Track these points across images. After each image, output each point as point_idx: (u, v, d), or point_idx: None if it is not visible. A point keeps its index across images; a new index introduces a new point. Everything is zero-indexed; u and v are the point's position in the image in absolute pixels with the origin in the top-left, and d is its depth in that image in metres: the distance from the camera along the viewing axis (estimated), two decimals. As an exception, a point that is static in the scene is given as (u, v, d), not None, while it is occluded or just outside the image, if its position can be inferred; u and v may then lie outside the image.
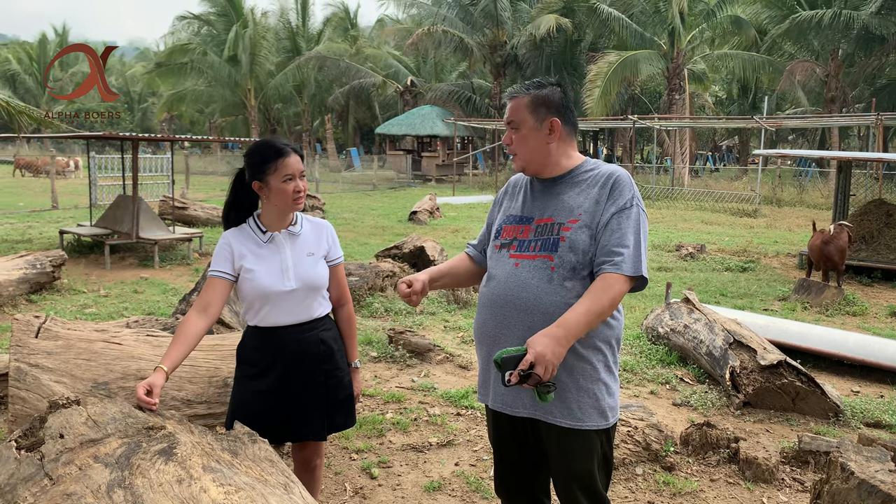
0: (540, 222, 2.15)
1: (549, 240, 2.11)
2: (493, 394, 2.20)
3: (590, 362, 2.09)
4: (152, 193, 16.23)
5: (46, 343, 3.18)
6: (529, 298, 2.08)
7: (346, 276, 2.68)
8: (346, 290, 2.67)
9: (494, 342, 2.14)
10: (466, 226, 14.37)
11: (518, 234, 2.19)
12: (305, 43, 37.87)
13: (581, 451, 2.12)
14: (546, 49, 29.64)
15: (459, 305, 7.05)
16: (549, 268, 2.08)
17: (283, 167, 2.37)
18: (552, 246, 2.09)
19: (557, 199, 2.16)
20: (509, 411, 2.17)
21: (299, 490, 1.87)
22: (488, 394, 2.23)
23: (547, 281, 2.07)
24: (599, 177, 2.14)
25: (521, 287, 2.10)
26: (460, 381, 4.93)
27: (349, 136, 43.45)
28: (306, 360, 2.49)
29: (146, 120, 50.89)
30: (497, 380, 2.14)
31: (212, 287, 2.41)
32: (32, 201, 17.51)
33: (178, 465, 1.74)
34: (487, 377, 2.23)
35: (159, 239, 9.67)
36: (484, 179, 27.93)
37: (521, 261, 2.13)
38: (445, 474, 3.56)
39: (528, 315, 2.07)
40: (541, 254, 2.10)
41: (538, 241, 2.12)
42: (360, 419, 4.15)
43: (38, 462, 1.76)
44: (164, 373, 2.19)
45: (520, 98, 2.16)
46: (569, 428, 2.09)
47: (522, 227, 2.19)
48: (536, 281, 2.08)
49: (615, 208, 2.07)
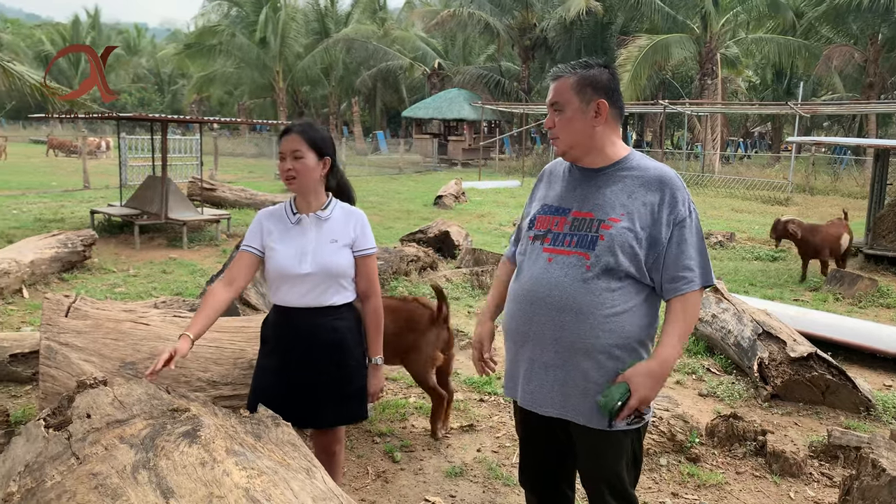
0: (577, 215, 2.06)
1: (586, 236, 2.01)
2: (522, 391, 2.14)
3: (623, 363, 2.02)
4: (181, 175, 16.38)
5: (76, 322, 3.23)
6: (561, 297, 2.00)
7: (376, 268, 2.59)
8: (374, 282, 2.57)
9: (524, 339, 2.09)
10: (492, 211, 14.30)
11: (552, 225, 2.09)
12: (334, 25, 37.81)
13: (611, 452, 2.07)
14: (576, 32, 29.25)
15: (484, 291, 7.02)
16: (584, 266, 1.99)
17: (280, 146, 2.47)
18: (589, 243, 2.00)
19: (599, 192, 2.05)
20: (539, 410, 2.11)
21: (321, 475, 1.88)
22: (516, 390, 2.18)
23: (581, 280, 1.98)
24: (649, 179, 2.03)
25: (553, 285, 2.01)
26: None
27: (376, 119, 43.43)
28: (315, 345, 2.47)
29: (176, 102, 51.40)
30: (526, 378, 2.11)
31: (240, 260, 2.50)
32: (65, 181, 17.81)
33: (201, 448, 1.75)
34: (516, 372, 2.17)
35: (188, 220, 9.77)
36: (511, 164, 27.74)
37: (554, 256, 2.04)
38: (467, 460, 3.56)
39: (560, 314, 2.00)
40: (576, 250, 2.01)
41: (574, 236, 2.03)
42: (384, 403, 4.17)
43: (66, 441, 1.79)
44: (189, 340, 2.26)
45: (565, 78, 2.05)
46: (600, 430, 2.03)
47: (558, 219, 2.09)
48: (570, 279, 1.99)
49: (675, 219, 2.00)
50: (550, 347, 2.04)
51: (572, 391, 2.03)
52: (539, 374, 2.08)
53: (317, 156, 2.45)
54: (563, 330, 1.98)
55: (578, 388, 2.02)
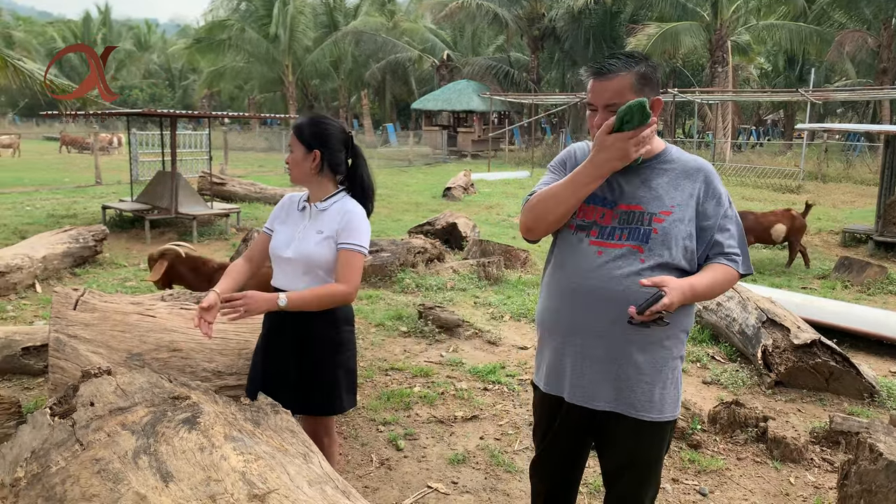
0: (625, 208, 2.01)
1: (638, 230, 1.98)
2: (571, 387, 2.09)
3: (671, 353, 2.04)
4: (192, 169, 16.50)
5: (84, 315, 3.29)
6: (617, 289, 1.96)
7: (358, 265, 2.50)
8: (347, 275, 2.47)
9: (573, 334, 2.05)
10: (500, 202, 14.31)
11: (598, 217, 2.03)
12: (342, 17, 37.78)
13: (656, 441, 2.10)
14: (584, 21, 29.10)
15: (490, 282, 7.06)
16: (638, 259, 1.97)
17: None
18: (643, 237, 1.98)
19: (645, 186, 2.02)
20: (590, 404, 2.07)
21: (318, 460, 1.92)
22: (562, 386, 2.12)
23: (636, 273, 1.95)
24: (689, 169, 2.04)
25: (607, 277, 1.97)
26: (488, 357, 4.96)
27: (386, 111, 43.44)
28: (286, 331, 2.55)
29: (187, 97, 51.61)
30: (577, 373, 2.06)
31: (258, 240, 2.70)
32: (77, 177, 17.98)
33: (200, 434, 1.80)
34: (560, 368, 2.11)
35: (198, 214, 9.86)
36: (520, 155, 27.70)
37: (604, 249, 2.00)
38: (470, 447, 3.60)
39: (615, 306, 1.95)
40: (629, 243, 1.98)
41: (625, 230, 1.99)
42: (388, 392, 4.22)
43: (70, 428, 1.85)
44: (216, 294, 2.42)
45: (623, 77, 1.92)
46: (649, 421, 2.04)
47: (604, 211, 2.03)
48: (625, 271, 1.96)
49: (720, 210, 2.02)
50: (602, 341, 2.02)
51: (624, 384, 2.02)
52: (590, 368, 2.05)
53: (305, 149, 2.52)
54: (616, 323, 1.95)
55: (631, 380, 2.02)
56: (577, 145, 2.18)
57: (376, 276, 6.91)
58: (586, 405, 2.07)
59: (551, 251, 2.17)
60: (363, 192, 2.63)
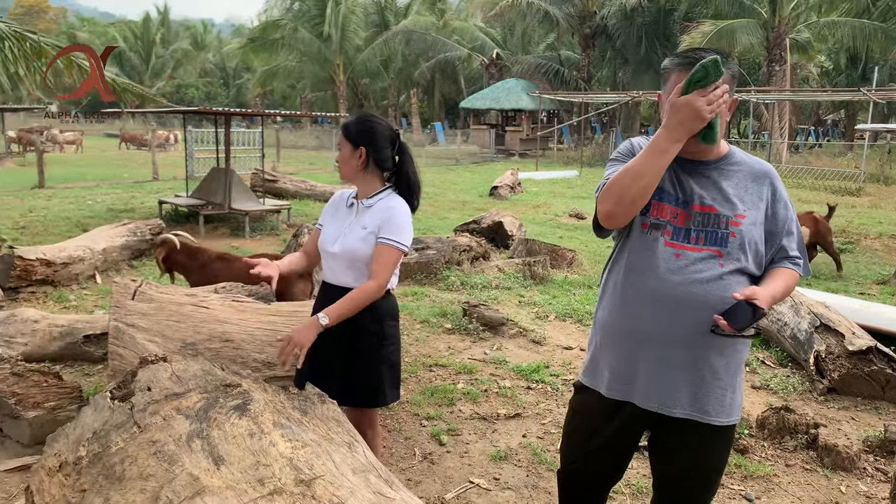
0: (700, 209, 1.96)
1: (715, 233, 1.95)
2: (644, 393, 2.02)
3: (742, 356, 2.03)
4: (245, 166, 16.89)
5: (141, 305, 3.43)
6: (700, 294, 1.91)
7: (390, 261, 2.54)
8: (380, 269, 2.51)
9: (648, 338, 1.99)
10: (548, 201, 14.24)
11: (671, 217, 1.97)
12: (393, 17, 38.11)
13: (724, 445, 2.08)
14: (637, 19, 28.67)
15: (535, 281, 7.04)
16: (717, 263, 1.93)
17: None
18: (721, 240, 1.94)
19: (716, 187, 1.98)
20: (666, 411, 2.01)
21: (362, 449, 1.97)
22: (631, 392, 2.05)
23: (718, 277, 1.92)
24: (755, 172, 2.02)
25: (689, 282, 1.92)
26: (532, 356, 4.97)
27: (434, 110, 43.62)
28: (332, 325, 2.55)
29: (241, 95, 52.76)
30: (652, 379, 2.00)
31: (311, 236, 2.81)
32: (135, 173, 18.58)
33: (250, 420, 1.87)
34: (631, 373, 2.04)
35: (250, 210, 10.10)
36: (569, 154, 27.47)
37: (682, 252, 1.95)
38: (513, 445, 3.62)
39: (699, 312, 1.91)
40: (707, 247, 1.94)
41: (702, 233, 1.95)
42: (432, 387, 4.27)
43: (129, 412, 1.94)
44: (278, 269, 2.57)
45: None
46: (720, 425, 2.01)
47: (677, 211, 1.98)
48: (706, 275, 1.92)
49: (787, 212, 2.02)
50: (681, 346, 1.96)
51: (700, 390, 1.98)
52: (667, 374, 1.99)
53: (352, 147, 2.58)
54: (700, 328, 1.92)
55: (708, 385, 1.98)
56: (637, 139, 2.13)
57: (422, 274, 6.97)
58: (661, 411, 2.01)
59: (619, 251, 2.09)
60: (408, 188, 2.67)
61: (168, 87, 49.40)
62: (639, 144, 2.07)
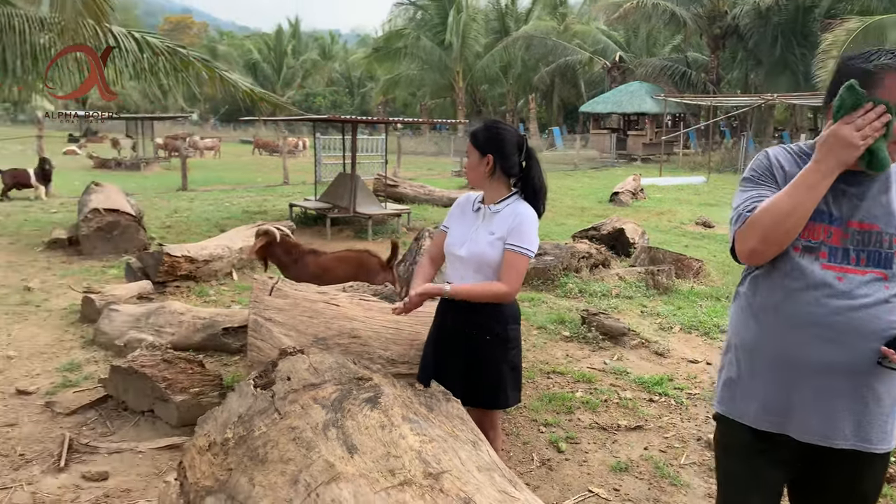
0: (858, 227, 1.81)
1: (878, 253, 1.79)
2: (802, 424, 1.87)
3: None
4: (368, 172, 17.50)
5: (278, 300, 3.64)
6: (867, 320, 1.77)
7: (521, 267, 2.58)
8: (509, 276, 2.55)
9: (809, 368, 1.83)
10: (672, 208, 13.75)
11: (825, 237, 1.82)
12: (514, 23, 38.24)
13: (881, 472, 1.96)
14: (773, 18, 27.14)
15: (659, 291, 6.82)
16: (882, 286, 1.79)
17: None
18: (885, 260, 1.79)
19: (874, 201, 1.82)
20: (826, 443, 1.86)
21: (486, 448, 2.00)
22: (786, 424, 1.89)
23: (884, 301, 1.78)
24: None
25: (855, 307, 1.78)
26: (655, 368, 4.82)
27: (553, 115, 43.30)
28: (456, 324, 2.66)
29: (364, 103, 54.71)
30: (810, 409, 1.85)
31: (436, 239, 2.88)
32: (268, 177, 19.71)
33: (381, 413, 1.95)
34: (787, 406, 1.88)
35: (373, 214, 10.46)
36: (695, 159, 26.40)
37: (844, 275, 1.80)
38: (633, 457, 3.53)
39: (865, 339, 1.77)
40: (872, 269, 1.79)
41: (863, 253, 1.80)
42: (550, 394, 4.24)
43: (270, 399, 2.07)
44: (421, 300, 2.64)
45: None
46: (880, 453, 1.89)
47: (831, 230, 1.82)
48: (872, 301, 1.78)
49: None
50: (844, 374, 1.82)
51: (864, 418, 1.86)
52: (827, 403, 1.85)
53: (480, 154, 2.63)
54: (864, 356, 1.79)
55: (871, 413, 1.86)
56: (774, 150, 1.98)
57: (539, 279, 6.93)
58: (822, 443, 1.87)
59: (765, 272, 1.92)
60: (534, 194, 2.69)
61: (297, 95, 52.08)
62: (776, 158, 1.93)
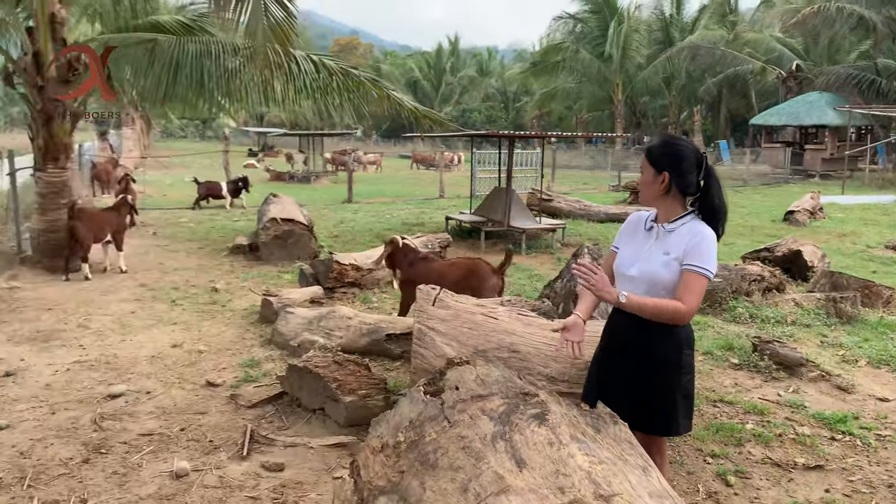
0: None
1: None
2: None
3: None
4: (522, 186, 17.55)
5: (440, 311, 3.75)
6: None
7: (699, 288, 2.45)
8: (687, 296, 2.43)
9: None
10: (857, 230, 12.53)
11: None
12: (678, 33, 36.82)
13: None
14: (984, 16, 24.03)
15: (842, 320, 6.23)
16: None
17: None
18: None
19: None
20: None
21: (657, 475, 1.93)
22: None
23: None
24: None
25: None
26: (837, 404, 4.40)
27: (719, 127, 41.05)
28: (627, 345, 2.57)
29: (518, 118, 54.96)
30: None
31: (606, 259, 2.83)
32: (425, 190, 20.36)
33: (549, 430, 1.94)
34: None
35: (527, 228, 10.46)
36: (885, 176, 23.92)
37: None
38: (812, 498, 3.24)
39: None
40: None
41: None
42: (717, 424, 4.01)
43: (440, 407, 2.13)
44: (579, 317, 2.63)
45: None
46: None
47: None
48: None
49: None
50: None
51: None
52: None
53: (655, 171, 2.54)
54: None
55: None
56: None
57: (705, 302, 6.57)
58: None
59: None
60: (713, 214, 2.55)
61: (454, 111, 53.41)
62: None
